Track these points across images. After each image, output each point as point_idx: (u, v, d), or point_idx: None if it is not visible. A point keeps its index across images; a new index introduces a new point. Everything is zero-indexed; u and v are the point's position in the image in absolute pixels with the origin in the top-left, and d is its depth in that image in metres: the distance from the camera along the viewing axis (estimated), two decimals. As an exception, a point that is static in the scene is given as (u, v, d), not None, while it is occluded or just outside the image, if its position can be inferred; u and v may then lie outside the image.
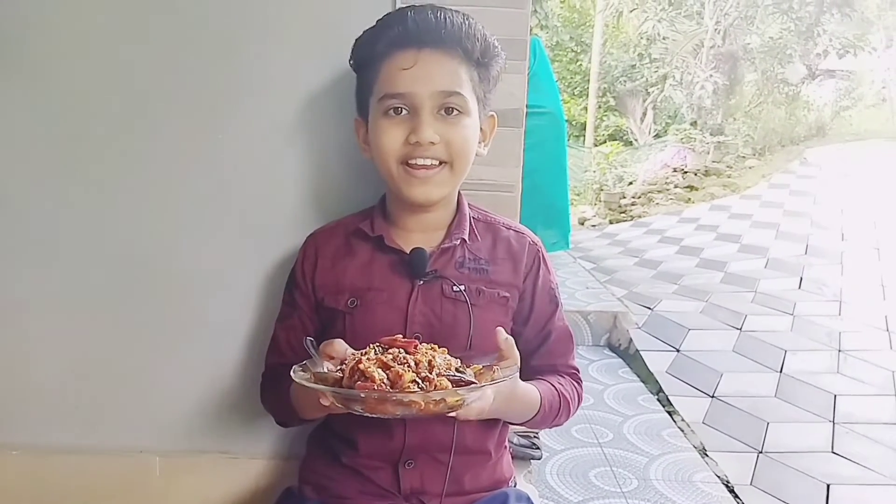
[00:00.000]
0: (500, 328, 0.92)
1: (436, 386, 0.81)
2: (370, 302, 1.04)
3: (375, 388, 0.80)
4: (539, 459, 1.92)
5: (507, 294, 1.07)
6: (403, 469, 1.04)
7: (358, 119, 1.10)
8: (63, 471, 1.33)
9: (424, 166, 1.00)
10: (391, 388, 0.81)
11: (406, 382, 0.81)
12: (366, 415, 0.83)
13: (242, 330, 1.30)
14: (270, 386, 1.16)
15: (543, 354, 1.11)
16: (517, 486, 1.16)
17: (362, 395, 0.80)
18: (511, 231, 1.12)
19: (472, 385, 0.84)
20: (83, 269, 1.29)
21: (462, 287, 1.03)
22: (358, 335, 1.00)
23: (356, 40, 1.06)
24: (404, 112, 0.99)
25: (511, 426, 1.17)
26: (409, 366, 0.84)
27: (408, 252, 1.04)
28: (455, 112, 1.00)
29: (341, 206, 1.22)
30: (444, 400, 0.82)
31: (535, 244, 1.12)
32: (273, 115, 1.24)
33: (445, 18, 0.98)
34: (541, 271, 1.11)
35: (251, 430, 1.33)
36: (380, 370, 0.83)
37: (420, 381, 0.82)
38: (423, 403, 0.81)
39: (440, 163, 1.01)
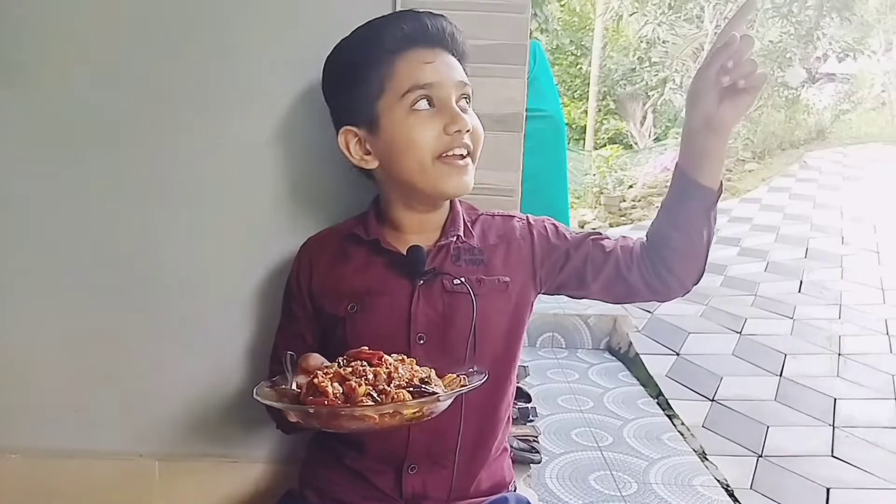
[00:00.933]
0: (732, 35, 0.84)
1: (392, 398, 0.80)
2: (371, 305, 1.04)
3: (327, 402, 0.79)
4: (539, 463, 1.91)
5: (507, 279, 1.06)
6: (406, 474, 1.04)
7: (348, 129, 1.03)
8: (62, 475, 1.33)
9: (461, 156, 1.00)
10: (346, 401, 0.80)
11: (360, 396, 0.80)
12: (324, 429, 0.83)
13: (242, 334, 1.31)
14: None
15: (613, 247, 1.07)
16: (517, 491, 1.16)
17: (311, 410, 0.80)
18: (497, 217, 1.13)
19: (431, 396, 0.82)
20: (83, 274, 1.29)
21: (462, 279, 1.03)
22: (360, 339, 1.00)
23: (353, 41, 1.03)
24: (430, 106, 0.99)
25: (510, 429, 1.17)
26: (366, 379, 0.83)
27: (404, 253, 1.04)
28: (469, 104, 1.03)
29: (341, 211, 1.22)
30: (400, 413, 0.80)
31: (521, 219, 1.12)
32: (270, 120, 1.24)
33: (449, 23, 1.02)
34: (541, 229, 1.10)
35: (251, 433, 1.33)
36: (336, 384, 0.82)
37: (376, 395, 0.81)
38: (376, 417, 0.80)
39: (467, 153, 1.01)
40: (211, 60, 1.23)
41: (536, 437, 1.94)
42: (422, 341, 1.02)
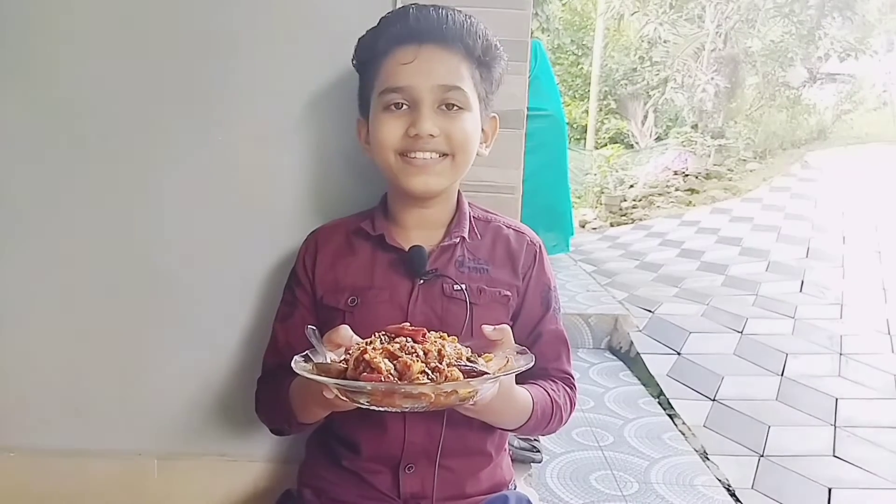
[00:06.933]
0: (485, 325, 0.90)
1: (447, 377, 0.78)
2: (371, 301, 1.04)
3: (382, 379, 0.76)
4: (539, 462, 1.91)
5: (509, 293, 1.07)
6: (404, 473, 1.04)
7: (360, 119, 1.11)
8: (60, 473, 1.33)
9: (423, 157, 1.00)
10: (399, 379, 0.77)
11: (415, 373, 0.77)
12: (371, 408, 0.79)
13: (241, 332, 1.30)
14: (267, 388, 1.15)
15: (534, 356, 1.09)
16: (517, 490, 1.15)
17: (369, 387, 0.76)
18: (511, 230, 1.12)
19: (486, 376, 0.80)
20: (81, 271, 1.29)
21: (463, 286, 1.03)
22: (358, 334, 1.00)
23: (359, 40, 1.06)
24: (404, 107, 1.00)
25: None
26: (417, 355, 0.80)
27: (407, 250, 1.04)
28: (455, 107, 1.01)
29: (342, 207, 1.22)
30: (456, 391, 0.78)
31: (533, 244, 1.12)
32: (273, 116, 1.24)
33: (447, 15, 1.00)
34: (536, 271, 1.10)
35: (250, 432, 1.32)
36: (387, 360, 0.78)
37: (430, 372, 0.78)
38: (433, 395, 0.77)
39: (441, 155, 1.01)
40: (216, 58, 1.23)
41: (537, 437, 1.94)
42: None
